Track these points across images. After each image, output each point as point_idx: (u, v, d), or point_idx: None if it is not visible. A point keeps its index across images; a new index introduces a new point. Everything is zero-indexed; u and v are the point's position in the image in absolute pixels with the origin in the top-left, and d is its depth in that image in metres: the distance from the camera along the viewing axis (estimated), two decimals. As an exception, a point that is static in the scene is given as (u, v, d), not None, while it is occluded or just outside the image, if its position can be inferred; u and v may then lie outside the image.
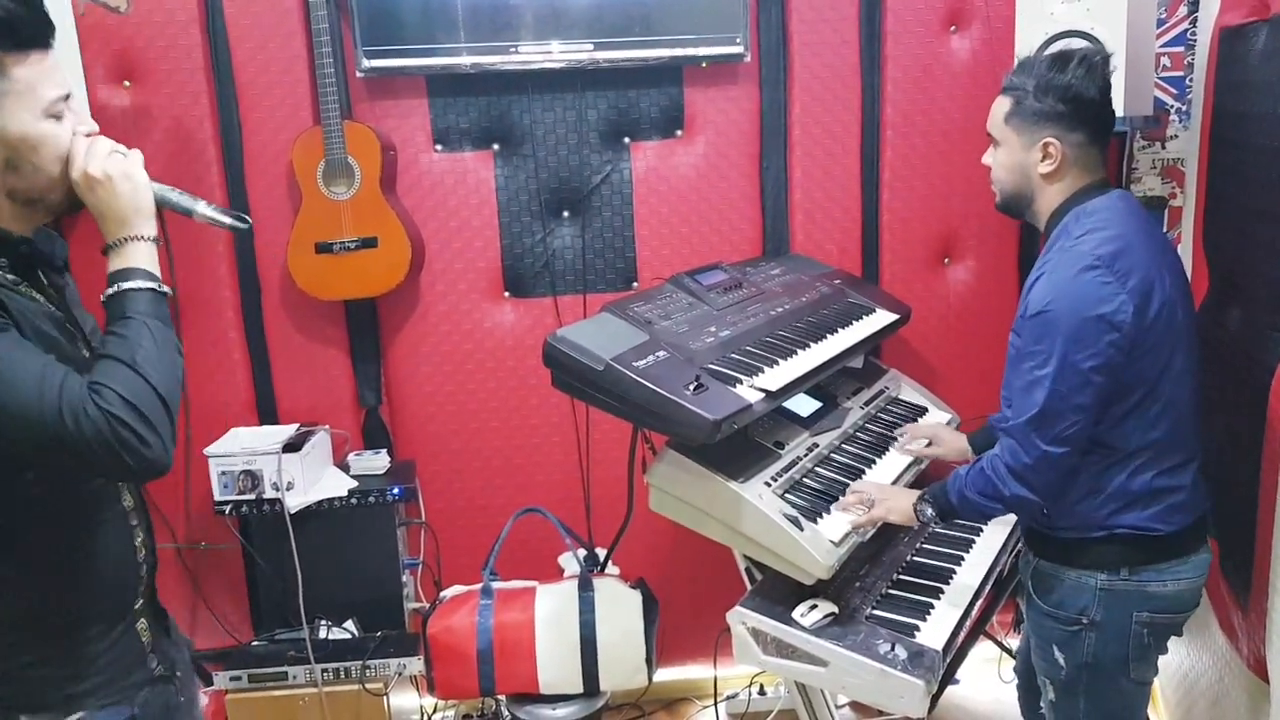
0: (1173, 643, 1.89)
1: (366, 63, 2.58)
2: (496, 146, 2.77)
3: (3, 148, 1.18)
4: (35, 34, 1.18)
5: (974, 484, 1.80)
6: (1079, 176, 1.79)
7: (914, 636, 1.93)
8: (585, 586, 2.40)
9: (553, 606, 2.39)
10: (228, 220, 1.37)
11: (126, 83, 2.57)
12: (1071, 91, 1.73)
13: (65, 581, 1.26)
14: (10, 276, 1.23)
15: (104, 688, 1.29)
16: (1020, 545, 2.05)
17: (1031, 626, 1.95)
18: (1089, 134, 1.76)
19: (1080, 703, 1.87)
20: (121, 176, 1.24)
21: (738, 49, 2.67)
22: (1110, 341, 1.64)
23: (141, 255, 1.26)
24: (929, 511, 1.91)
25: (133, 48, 2.56)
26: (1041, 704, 1.98)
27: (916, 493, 1.96)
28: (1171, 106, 2.68)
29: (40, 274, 1.30)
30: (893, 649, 1.87)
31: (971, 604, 2.07)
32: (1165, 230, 2.74)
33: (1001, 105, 1.83)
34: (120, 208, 1.25)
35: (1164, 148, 2.72)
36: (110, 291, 1.24)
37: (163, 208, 1.32)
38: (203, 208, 1.36)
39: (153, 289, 1.25)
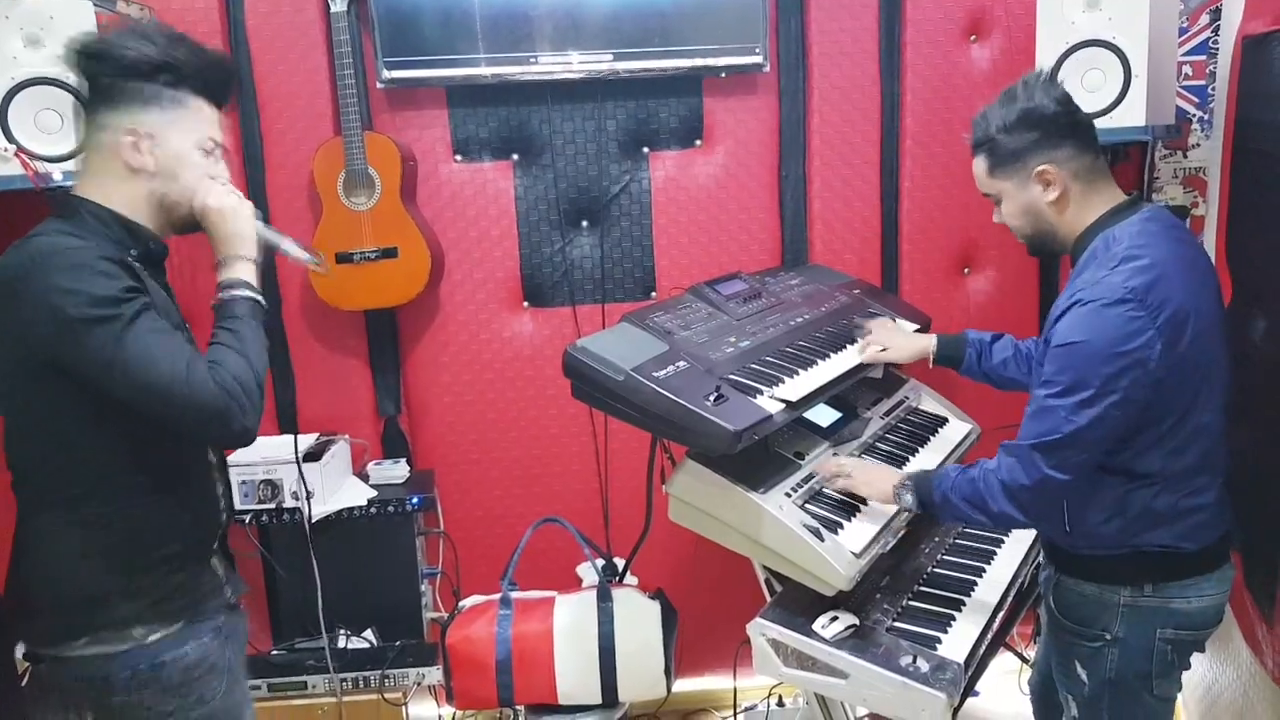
0: (1196, 657, 1.87)
1: (387, 74, 2.60)
2: (516, 157, 2.78)
3: (162, 156, 1.52)
4: (219, 93, 1.59)
5: (961, 490, 1.80)
6: (1091, 194, 1.76)
7: (935, 649, 1.91)
8: (604, 597, 2.40)
9: (571, 617, 2.39)
10: (307, 257, 1.75)
11: (150, 94, 2.60)
12: (1034, 114, 1.73)
13: (168, 518, 1.55)
14: (138, 265, 1.50)
15: (194, 606, 1.58)
16: (1041, 557, 2.04)
17: (1054, 642, 1.93)
18: (1074, 145, 1.74)
19: (1104, 719, 1.85)
20: (230, 209, 1.58)
21: (757, 59, 2.68)
22: (1135, 379, 1.61)
23: (244, 270, 1.58)
24: (908, 499, 1.91)
25: (156, 59, 2.57)
26: None
27: (900, 474, 1.97)
28: (1193, 115, 2.67)
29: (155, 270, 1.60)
30: (914, 661, 1.85)
31: (993, 616, 2.05)
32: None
33: (980, 165, 1.83)
34: (228, 231, 1.58)
35: (1186, 157, 2.70)
36: (222, 296, 1.55)
37: (260, 238, 1.63)
38: (288, 244, 1.72)
39: (253, 298, 1.57)
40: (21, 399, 1.46)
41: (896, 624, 1.99)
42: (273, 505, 2.50)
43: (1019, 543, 2.28)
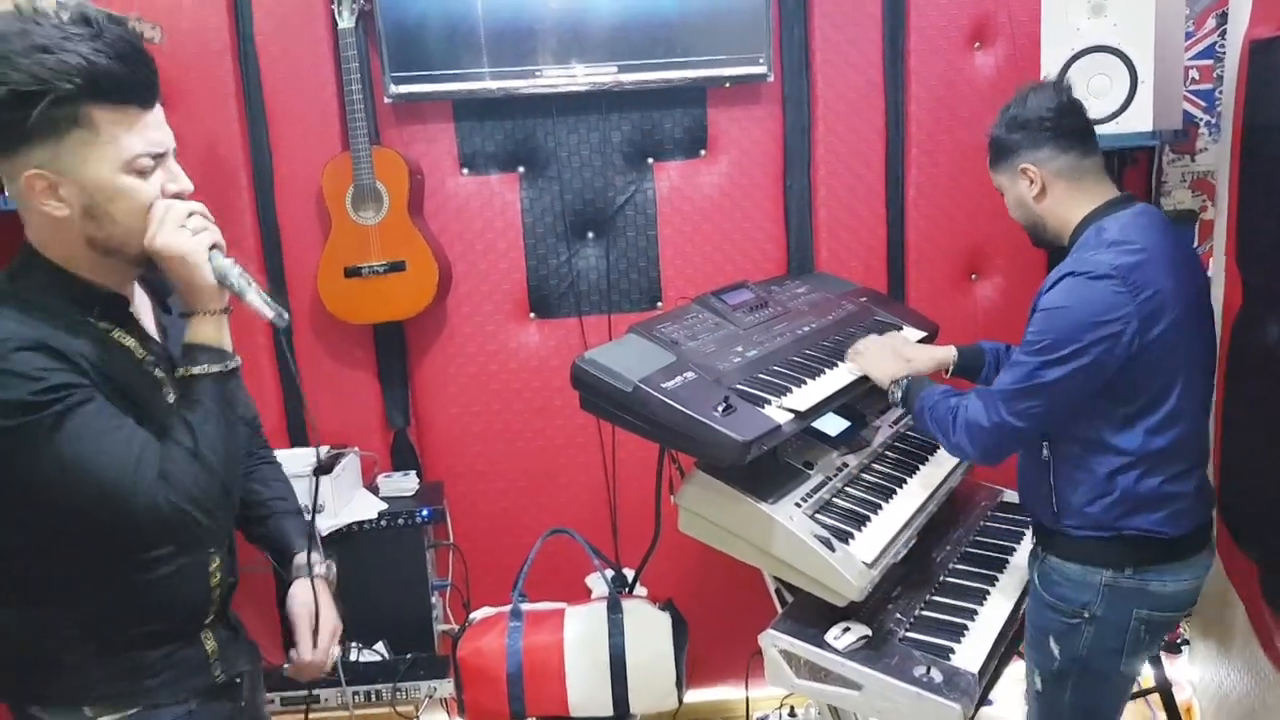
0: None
1: (394, 88, 2.61)
2: (522, 169, 2.79)
3: (81, 194, 1.22)
4: (131, 91, 1.22)
5: (935, 411, 1.94)
6: (1076, 191, 1.88)
7: (949, 659, 1.91)
8: (614, 608, 2.40)
9: (582, 628, 2.38)
10: (269, 313, 1.32)
11: (159, 111, 2.61)
12: (1020, 118, 1.90)
13: (138, 600, 1.34)
14: (102, 324, 1.29)
15: (163, 688, 1.37)
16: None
17: (1030, 617, 1.99)
18: (1054, 147, 1.87)
19: (1066, 694, 1.92)
20: (178, 257, 1.25)
21: (761, 69, 2.68)
22: (1107, 349, 1.72)
23: (207, 330, 1.30)
24: (898, 394, 2.09)
25: (166, 77, 2.53)
26: (1024, 696, 2.02)
27: (903, 370, 2.11)
28: (1201, 119, 2.66)
29: (138, 311, 1.37)
30: (928, 672, 1.85)
31: (1007, 624, 2.05)
32: (1196, 244, 2.72)
33: (988, 160, 2.00)
34: (183, 282, 1.28)
35: (1194, 160, 2.70)
36: (179, 373, 1.29)
37: (222, 283, 1.30)
38: (252, 295, 1.31)
39: (216, 372, 1.29)
40: None
41: (909, 634, 1.98)
42: (283, 519, 2.50)
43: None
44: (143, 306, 1.40)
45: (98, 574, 1.32)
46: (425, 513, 2.64)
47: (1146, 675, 2.35)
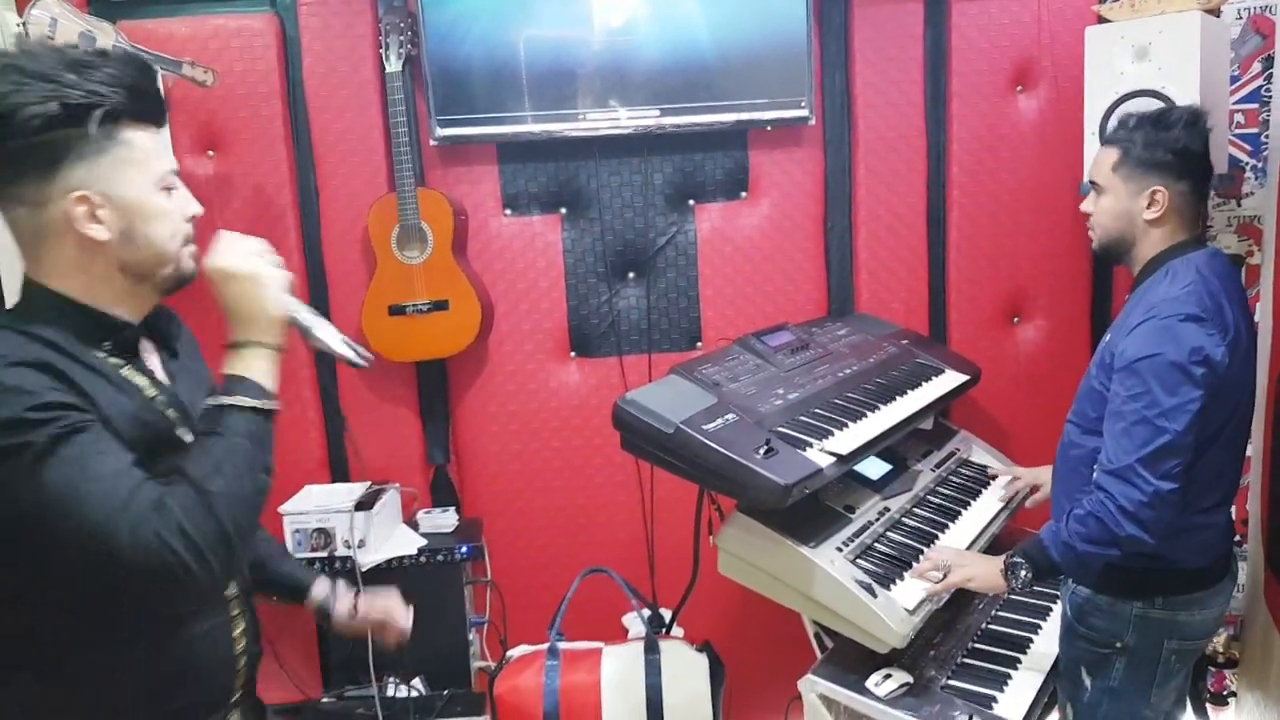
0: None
1: (439, 131, 2.66)
2: (564, 210, 2.83)
3: (121, 216, 1.16)
4: (158, 110, 1.22)
5: (1080, 534, 1.74)
6: (1178, 227, 1.86)
7: (991, 708, 1.88)
8: (651, 649, 2.39)
9: (619, 669, 2.38)
10: (349, 354, 1.30)
11: (211, 152, 2.68)
12: (1180, 144, 1.81)
13: (156, 675, 1.20)
14: (113, 360, 1.20)
15: None
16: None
17: (1062, 648, 1.97)
18: (1192, 184, 1.84)
19: None
20: (255, 278, 1.21)
21: (803, 112, 2.70)
22: (1209, 385, 1.69)
23: (258, 364, 1.20)
24: (1023, 574, 1.84)
25: (217, 119, 2.67)
26: None
27: (998, 559, 1.90)
28: (1246, 163, 2.64)
29: (145, 354, 1.28)
30: (970, 721, 1.82)
31: (1051, 673, 2.01)
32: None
33: (1109, 155, 1.88)
34: (249, 308, 1.21)
35: (1239, 205, 2.67)
36: (212, 401, 1.18)
37: (289, 322, 1.26)
38: (324, 331, 1.29)
39: (255, 408, 1.18)
40: None
41: (951, 681, 1.96)
42: (325, 554, 2.53)
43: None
44: (147, 350, 1.29)
45: (103, 637, 1.16)
46: (464, 549, 2.65)
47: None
